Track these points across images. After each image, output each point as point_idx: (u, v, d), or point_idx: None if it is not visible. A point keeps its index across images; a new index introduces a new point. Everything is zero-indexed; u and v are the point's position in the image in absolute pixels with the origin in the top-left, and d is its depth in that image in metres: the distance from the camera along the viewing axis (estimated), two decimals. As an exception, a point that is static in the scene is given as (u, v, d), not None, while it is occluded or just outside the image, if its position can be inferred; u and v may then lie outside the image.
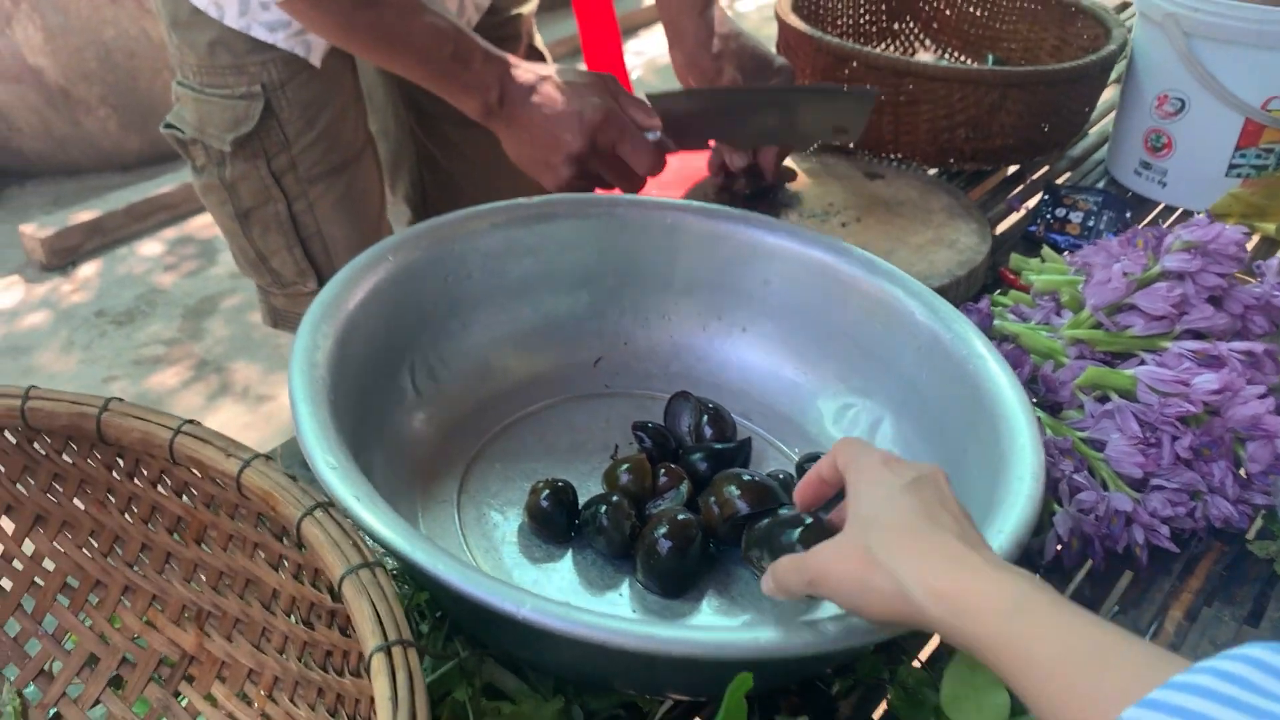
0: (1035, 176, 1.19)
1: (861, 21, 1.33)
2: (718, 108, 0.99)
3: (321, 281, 1.08)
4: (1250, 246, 1.05)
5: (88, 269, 2.59)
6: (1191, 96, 1.06)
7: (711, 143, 1.01)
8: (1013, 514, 0.58)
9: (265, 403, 2.17)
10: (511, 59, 0.91)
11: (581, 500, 0.70)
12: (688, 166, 1.04)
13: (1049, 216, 1.05)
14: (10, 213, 2.85)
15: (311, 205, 1.07)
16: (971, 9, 1.32)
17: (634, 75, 3.34)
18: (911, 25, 1.36)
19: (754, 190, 1.02)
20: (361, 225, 1.10)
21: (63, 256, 2.60)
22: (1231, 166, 1.07)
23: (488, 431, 0.77)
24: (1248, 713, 0.30)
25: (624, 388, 0.82)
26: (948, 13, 1.34)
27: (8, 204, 2.91)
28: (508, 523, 0.70)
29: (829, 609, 0.59)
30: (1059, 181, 1.17)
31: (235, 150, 1.01)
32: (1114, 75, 1.22)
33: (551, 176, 0.90)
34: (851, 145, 1.13)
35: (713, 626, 0.62)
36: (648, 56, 3.79)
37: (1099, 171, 1.20)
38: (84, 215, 2.62)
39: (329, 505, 0.48)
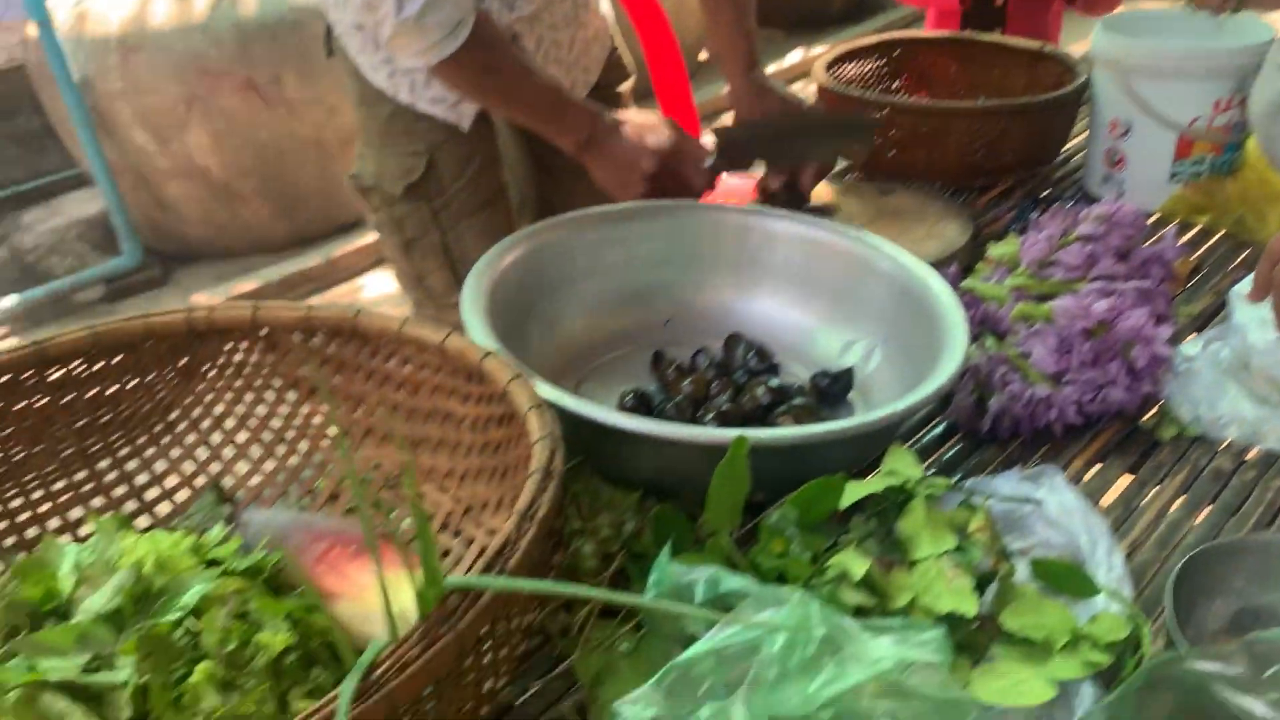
0: (1025, 189, 1.48)
1: (867, 83, 1.66)
2: (761, 136, 1.32)
3: (466, 296, 1.42)
4: (1190, 235, 1.32)
5: (248, 332, 3.03)
6: (1135, 121, 1.34)
7: (756, 172, 1.33)
8: (944, 371, 0.87)
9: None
10: (598, 108, 1.24)
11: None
12: (736, 193, 1.37)
13: (1023, 217, 1.33)
14: (182, 289, 3.32)
15: (460, 236, 1.41)
16: (952, 64, 1.65)
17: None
18: (905, 82, 1.68)
19: (791, 206, 1.34)
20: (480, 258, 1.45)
21: (227, 322, 3.04)
22: (1172, 174, 1.35)
23: (586, 368, 1.09)
24: None
25: (687, 339, 1.13)
26: (933, 70, 1.67)
27: (179, 282, 3.39)
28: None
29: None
30: (1042, 195, 1.46)
31: (405, 194, 1.37)
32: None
33: (628, 193, 1.22)
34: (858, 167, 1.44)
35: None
36: (728, 136, 4.16)
37: (1079, 186, 1.49)
38: (245, 286, 3.07)
39: (498, 352, 0.80)
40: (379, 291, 3.18)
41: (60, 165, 3.69)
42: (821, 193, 1.38)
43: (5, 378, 0.82)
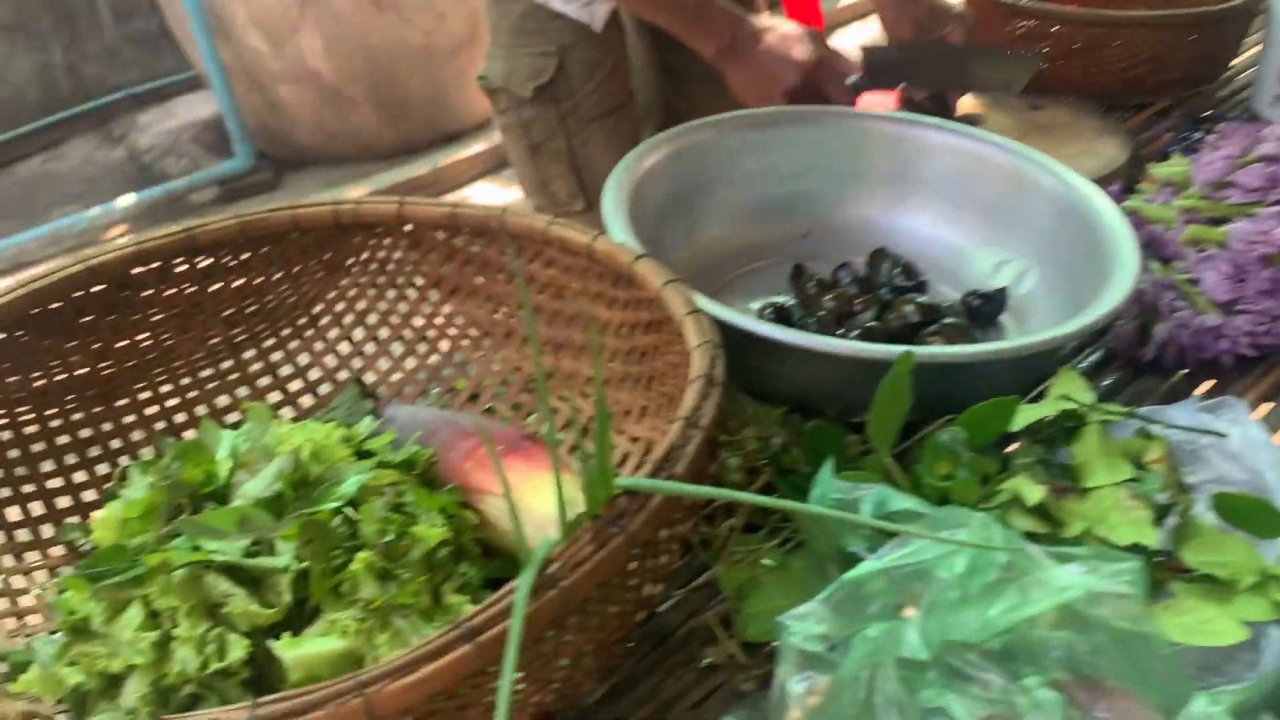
0: (1184, 109, 1.39)
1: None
2: (911, 58, 1.25)
3: (588, 203, 1.40)
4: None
5: (356, 238, 3.06)
6: (1320, 35, 1.24)
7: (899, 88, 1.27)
8: (1115, 294, 0.82)
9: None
10: (740, 14, 1.19)
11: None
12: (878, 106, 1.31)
13: (1185, 137, 1.25)
14: (291, 194, 3.36)
15: (586, 141, 1.38)
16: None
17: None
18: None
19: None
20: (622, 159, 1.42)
21: (336, 227, 3.08)
22: (1357, 95, 1.25)
23: (722, 279, 1.06)
24: None
25: (828, 253, 1.09)
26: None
27: (288, 188, 3.43)
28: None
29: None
30: (1205, 114, 1.36)
31: (533, 96, 1.34)
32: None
33: (767, 106, 1.17)
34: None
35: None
36: (841, 53, 4.03)
37: (1244, 106, 1.39)
38: (354, 192, 3.09)
39: (649, 255, 0.77)
40: (486, 201, 3.18)
41: (176, 68, 3.75)
42: (967, 105, 1.32)
43: (158, 263, 0.83)
